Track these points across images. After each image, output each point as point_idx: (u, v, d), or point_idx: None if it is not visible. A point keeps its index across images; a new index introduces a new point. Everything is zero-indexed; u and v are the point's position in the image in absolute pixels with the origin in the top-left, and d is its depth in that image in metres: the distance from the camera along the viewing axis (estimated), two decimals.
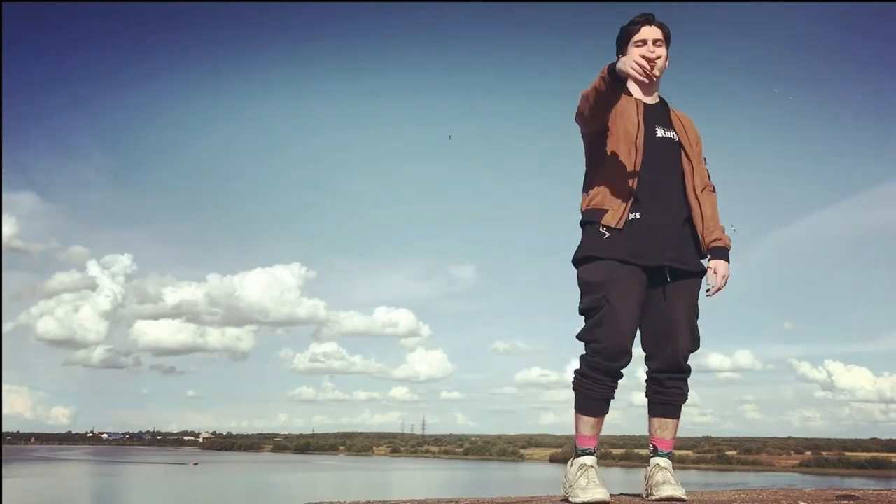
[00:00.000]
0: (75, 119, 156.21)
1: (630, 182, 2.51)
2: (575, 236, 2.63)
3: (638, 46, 2.61)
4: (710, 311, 2.66)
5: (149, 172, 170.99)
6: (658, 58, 2.60)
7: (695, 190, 2.60)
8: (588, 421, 2.51)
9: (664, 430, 2.59)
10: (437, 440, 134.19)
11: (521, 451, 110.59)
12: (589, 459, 2.48)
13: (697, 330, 2.58)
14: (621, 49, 2.67)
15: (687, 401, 2.62)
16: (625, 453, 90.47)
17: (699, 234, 2.59)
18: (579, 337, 2.53)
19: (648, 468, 2.59)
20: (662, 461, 2.57)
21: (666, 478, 2.50)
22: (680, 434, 2.67)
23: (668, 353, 2.53)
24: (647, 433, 2.65)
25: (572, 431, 2.56)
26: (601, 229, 2.52)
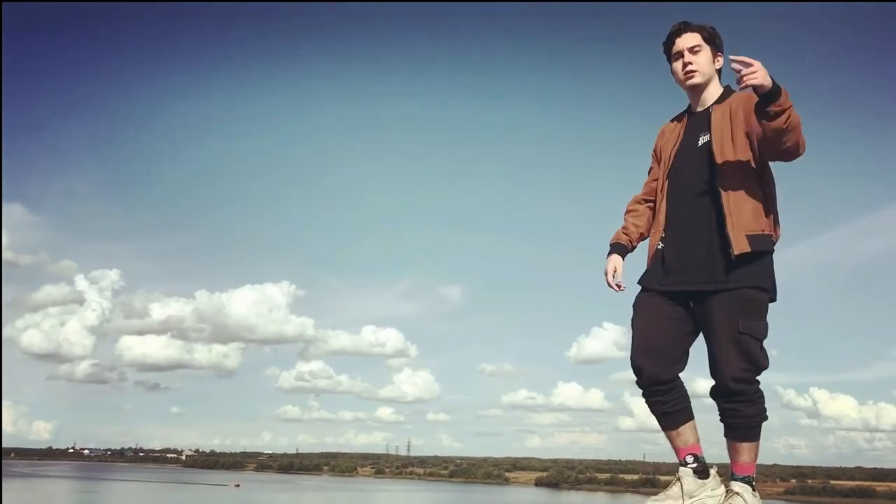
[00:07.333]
0: (67, 129, 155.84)
1: (658, 216, 2.70)
2: (561, 259, 2.96)
3: (676, 60, 2.67)
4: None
5: (139, 186, 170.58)
6: (693, 66, 2.62)
7: (720, 188, 2.50)
8: (667, 435, 2.66)
9: (735, 452, 2.56)
10: (422, 462, 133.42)
11: (507, 474, 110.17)
12: (681, 471, 2.62)
13: (749, 346, 2.45)
14: (668, 58, 2.73)
15: (759, 422, 2.54)
16: (609, 478, 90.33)
17: (728, 226, 2.46)
18: None
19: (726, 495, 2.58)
20: (736, 485, 2.56)
21: None
22: (662, 459, 2.85)
23: (716, 376, 2.52)
24: (632, 458, 2.85)
25: (557, 455, 2.73)
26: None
